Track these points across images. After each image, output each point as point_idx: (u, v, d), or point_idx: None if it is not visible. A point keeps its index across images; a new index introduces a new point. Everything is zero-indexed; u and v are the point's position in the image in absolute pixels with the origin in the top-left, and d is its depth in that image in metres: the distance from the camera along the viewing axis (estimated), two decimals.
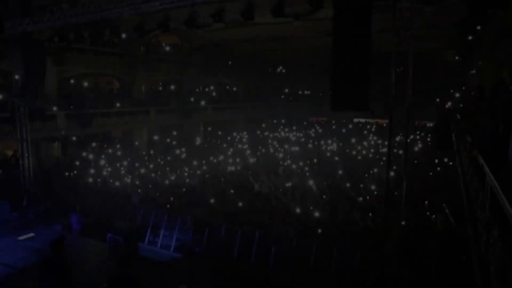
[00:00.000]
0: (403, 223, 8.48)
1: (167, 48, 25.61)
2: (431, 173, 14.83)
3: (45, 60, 13.66)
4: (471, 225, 4.29)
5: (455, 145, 9.40)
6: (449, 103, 22.86)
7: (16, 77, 14.29)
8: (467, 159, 5.82)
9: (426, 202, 11.35)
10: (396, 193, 11.01)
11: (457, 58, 26.35)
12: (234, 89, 33.42)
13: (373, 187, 13.06)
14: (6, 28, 11.83)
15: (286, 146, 22.87)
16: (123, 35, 15.40)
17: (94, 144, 20.91)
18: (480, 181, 4.13)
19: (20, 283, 5.25)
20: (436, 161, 17.64)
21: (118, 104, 20.36)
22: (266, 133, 31.02)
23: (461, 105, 12.41)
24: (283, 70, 39.77)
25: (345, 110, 7.01)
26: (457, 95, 21.15)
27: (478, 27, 11.68)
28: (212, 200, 12.58)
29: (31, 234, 11.72)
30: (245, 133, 30.16)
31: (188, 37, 26.96)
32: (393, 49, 7.61)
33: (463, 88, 23.35)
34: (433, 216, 10.41)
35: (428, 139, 26.48)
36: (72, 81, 20.27)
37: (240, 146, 24.14)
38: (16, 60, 13.83)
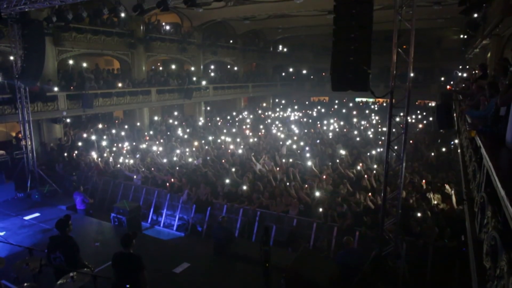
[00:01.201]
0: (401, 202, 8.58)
1: (167, 28, 25.27)
2: (432, 154, 14.86)
3: (44, 40, 13.54)
4: (468, 204, 4.36)
5: (456, 125, 9.41)
6: (452, 83, 22.70)
7: (11, 58, 14.23)
8: (467, 140, 5.85)
9: (424, 181, 11.46)
10: (393, 173, 11.14)
11: (462, 36, 26.04)
12: (235, 68, 33.14)
13: (374, 166, 13.14)
14: (3, 8, 11.67)
15: (287, 126, 22.87)
16: (122, 14, 15.23)
17: (100, 126, 20.97)
18: (477, 162, 4.17)
19: (28, 261, 5.37)
20: (439, 141, 17.68)
21: (119, 84, 20.27)
22: (267, 113, 30.96)
23: (463, 85, 12.32)
24: (285, 49, 39.39)
25: (346, 90, 6.98)
26: (460, 74, 20.95)
27: (484, 5, 11.52)
28: (213, 180, 12.70)
29: (37, 214, 11.94)
30: (246, 113, 30.11)
31: (188, 16, 26.61)
32: (395, 27, 7.49)
33: (467, 67, 23.11)
34: (432, 195, 10.53)
35: (430, 118, 26.43)
36: (71, 61, 20.11)
37: (241, 126, 24.14)
38: (15, 40, 13.73)
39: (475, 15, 12.43)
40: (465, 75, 18.47)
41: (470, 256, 3.42)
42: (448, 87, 18.65)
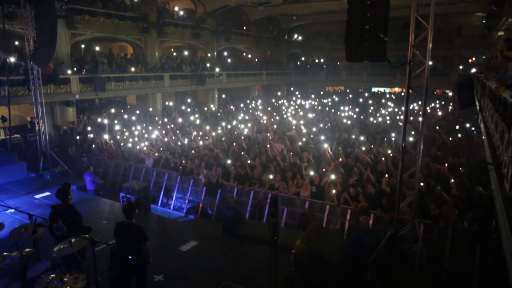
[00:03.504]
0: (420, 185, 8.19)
1: (181, 13, 25.02)
2: (450, 138, 14.31)
3: (56, 20, 13.44)
4: (495, 168, 4.00)
5: (477, 104, 8.91)
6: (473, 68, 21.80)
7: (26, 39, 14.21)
8: (492, 110, 5.43)
9: (442, 166, 10.96)
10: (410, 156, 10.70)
11: (484, 18, 24.96)
12: (249, 56, 32.75)
13: (389, 151, 12.71)
14: None
15: (301, 113, 22.47)
16: None
17: (112, 110, 20.95)
18: (506, 122, 3.80)
19: (26, 226, 5.25)
20: (457, 127, 17.07)
21: (132, 69, 20.16)
22: (281, 101, 30.55)
23: (487, 61, 11.73)
24: (299, 38, 38.76)
25: (361, 61, 6.60)
26: (483, 57, 20.09)
27: None
28: (227, 161, 12.48)
29: (47, 193, 11.94)
30: (260, 101, 29.76)
31: (201, 2, 26.31)
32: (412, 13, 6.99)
33: (490, 50, 22.18)
34: (451, 180, 10.04)
35: (450, 107, 25.65)
36: (83, 46, 20.09)
37: (254, 113, 23.85)
38: (27, 21, 13.68)
39: None
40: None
41: (500, 217, 3.07)
42: (470, 60, 17.90)
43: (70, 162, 15.18)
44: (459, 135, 15.01)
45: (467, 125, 16.28)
